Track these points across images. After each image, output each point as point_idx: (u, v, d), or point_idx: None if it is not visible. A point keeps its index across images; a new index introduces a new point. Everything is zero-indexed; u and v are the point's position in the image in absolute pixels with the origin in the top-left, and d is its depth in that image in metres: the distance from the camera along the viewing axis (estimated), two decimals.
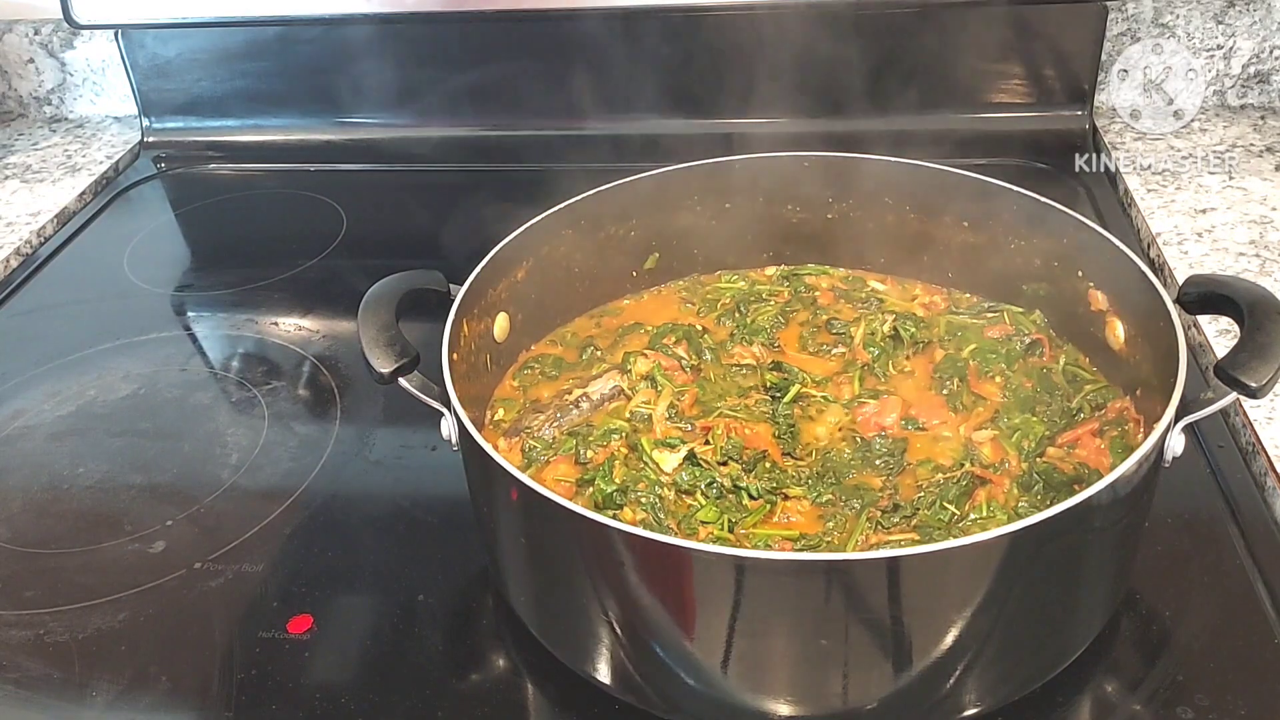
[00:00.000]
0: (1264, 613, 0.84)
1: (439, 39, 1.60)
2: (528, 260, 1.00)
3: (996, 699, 0.77)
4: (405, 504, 1.01)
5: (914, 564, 0.67)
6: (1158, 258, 1.27)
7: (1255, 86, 1.55)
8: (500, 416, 0.97)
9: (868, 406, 0.94)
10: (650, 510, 0.83)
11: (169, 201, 1.61)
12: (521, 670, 0.85)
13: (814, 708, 0.74)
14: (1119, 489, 0.71)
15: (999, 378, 0.96)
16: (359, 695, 0.83)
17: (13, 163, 1.68)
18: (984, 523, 0.82)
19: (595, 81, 1.55)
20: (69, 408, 1.17)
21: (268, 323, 1.28)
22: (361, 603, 0.92)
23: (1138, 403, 0.90)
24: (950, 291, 1.09)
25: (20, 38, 1.74)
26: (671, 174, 1.07)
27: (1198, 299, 0.83)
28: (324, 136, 1.68)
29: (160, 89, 1.69)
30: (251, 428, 1.11)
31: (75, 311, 1.36)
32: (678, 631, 0.73)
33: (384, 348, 0.80)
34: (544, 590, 0.81)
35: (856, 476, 0.88)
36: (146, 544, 0.98)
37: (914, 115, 1.50)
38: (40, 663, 0.88)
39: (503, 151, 1.61)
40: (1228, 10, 1.51)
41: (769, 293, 1.10)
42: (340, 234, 1.45)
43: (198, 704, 0.84)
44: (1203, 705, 0.78)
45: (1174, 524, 0.92)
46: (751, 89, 1.49)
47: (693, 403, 0.95)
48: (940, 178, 1.04)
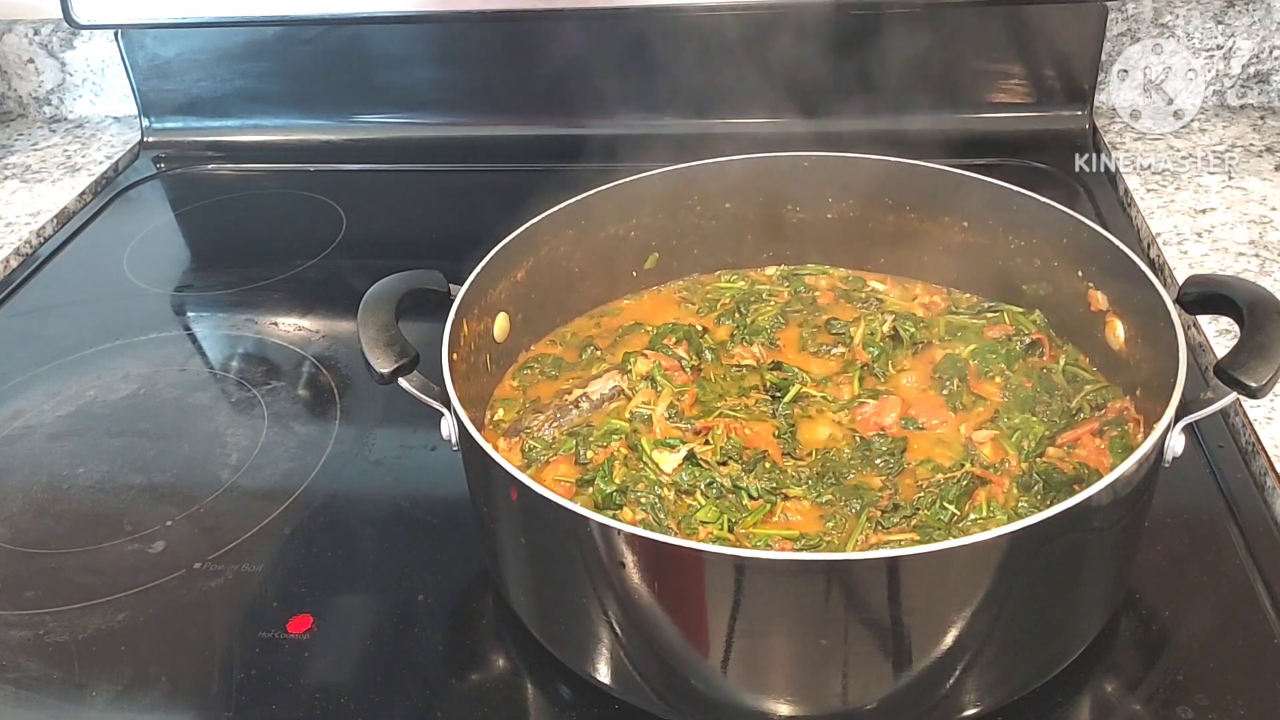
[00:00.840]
0: (1264, 613, 0.84)
1: (439, 39, 1.60)
2: (528, 260, 1.00)
3: (996, 699, 0.77)
4: (405, 504, 1.01)
5: (914, 564, 0.67)
6: (1158, 258, 1.27)
7: (1255, 86, 1.55)
8: (500, 416, 0.97)
9: (867, 406, 0.94)
10: (650, 510, 0.83)
11: (169, 201, 1.61)
12: (521, 670, 0.85)
13: (814, 708, 0.74)
14: (1119, 489, 0.71)
15: (999, 378, 0.96)
16: (359, 695, 0.83)
17: (13, 163, 1.68)
18: (984, 523, 0.82)
19: (596, 81, 1.55)
20: (69, 408, 1.17)
21: (267, 323, 1.28)
22: (361, 603, 0.92)
23: (1138, 403, 0.90)
24: (950, 291, 1.09)
25: (20, 38, 1.74)
26: (671, 174, 1.07)
27: (1198, 299, 0.83)
28: (324, 136, 1.68)
29: (160, 89, 1.69)
30: (251, 428, 1.11)
31: (75, 311, 1.36)
32: (678, 631, 0.73)
33: (384, 348, 0.80)
34: (544, 590, 0.81)
35: (856, 476, 0.88)
36: (146, 544, 0.98)
37: (914, 115, 1.50)
38: (40, 663, 0.88)
39: (503, 151, 1.61)
40: (1227, 10, 1.51)
41: (769, 293, 1.10)
42: (340, 234, 1.45)
43: (197, 704, 0.84)
44: (1203, 705, 0.78)
45: (1174, 524, 0.92)
46: (751, 89, 1.49)
47: (693, 403, 0.95)
48: (940, 178, 1.04)
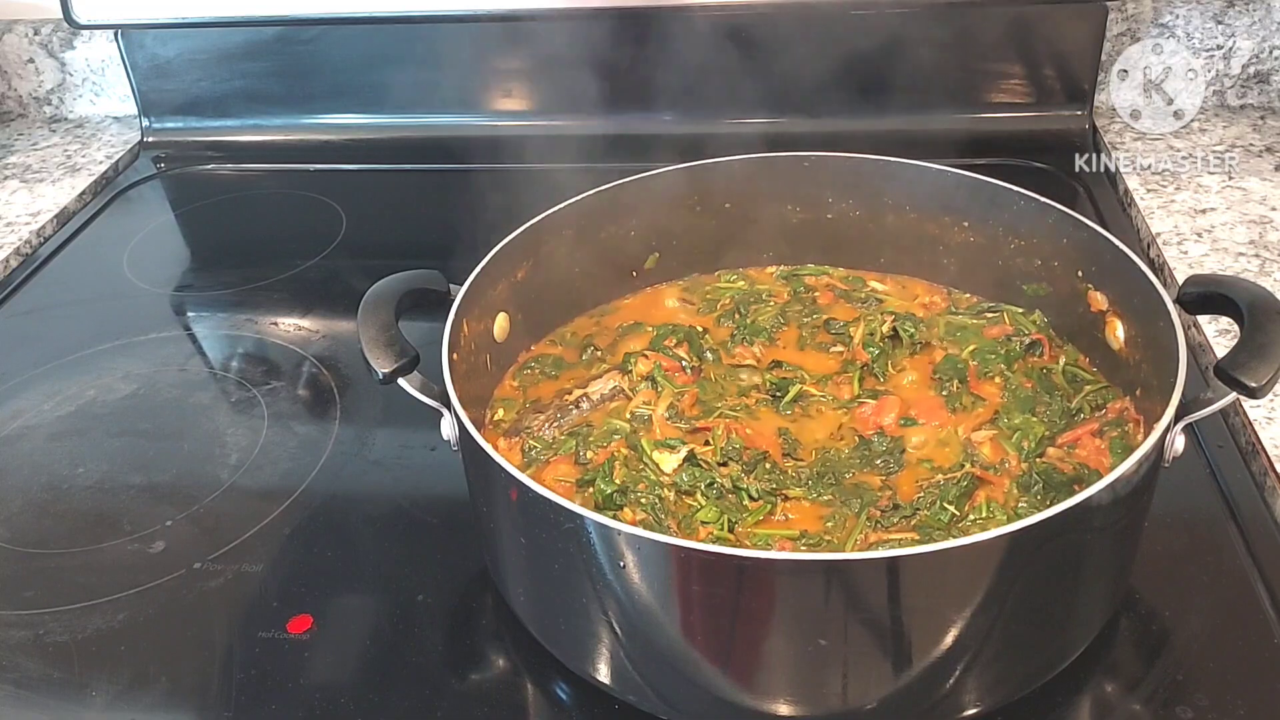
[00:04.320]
0: (1264, 613, 0.84)
1: (439, 39, 1.60)
2: (528, 260, 1.00)
3: (996, 699, 0.77)
4: (405, 504, 1.01)
5: (914, 564, 0.67)
6: (1158, 258, 1.27)
7: (1255, 86, 1.55)
8: (500, 416, 0.97)
9: (866, 406, 0.94)
10: (650, 510, 0.83)
11: (169, 201, 1.61)
12: (521, 670, 0.84)
13: (814, 708, 0.74)
14: (1119, 489, 0.71)
15: (999, 378, 0.96)
16: (359, 695, 0.83)
17: (13, 163, 1.68)
18: (984, 523, 0.82)
19: (596, 81, 1.55)
20: (69, 408, 1.17)
21: (267, 323, 1.28)
22: (361, 602, 0.92)
23: (1138, 403, 0.90)
24: (950, 291, 1.09)
25: (20, 38, 1.74)
26: (671, 174, 1.07)
27: (1198, 299, 0.83)
28: (324, 136, 1.68)
29: (160, 89, 1.68)
30: (251, 428, 1.11)
31: (75, 311, 1.36)
32: (677, 631, 0.73)
33: (384, 348, 0.80)
34: (544, 590, 0.81)
35: (856, 476, 0.88)
36: (146, 544, 0.98)
37: (914, 115, 1.50)
38: (40, 663, 0.88)
39: (503, 151, 1.61)
40: (1228, 10, 1.50)
41: (769, 293, 1.10)
42: (340, 234, 1.45)
43: (197, 704, 0.84)
44: (1202, 705, 0.78)
45: (1174, 524, 0.92)
46: (750, 89, 1.49)
47: (693, 403, 0.95)
48: (940, 178, 1.04)
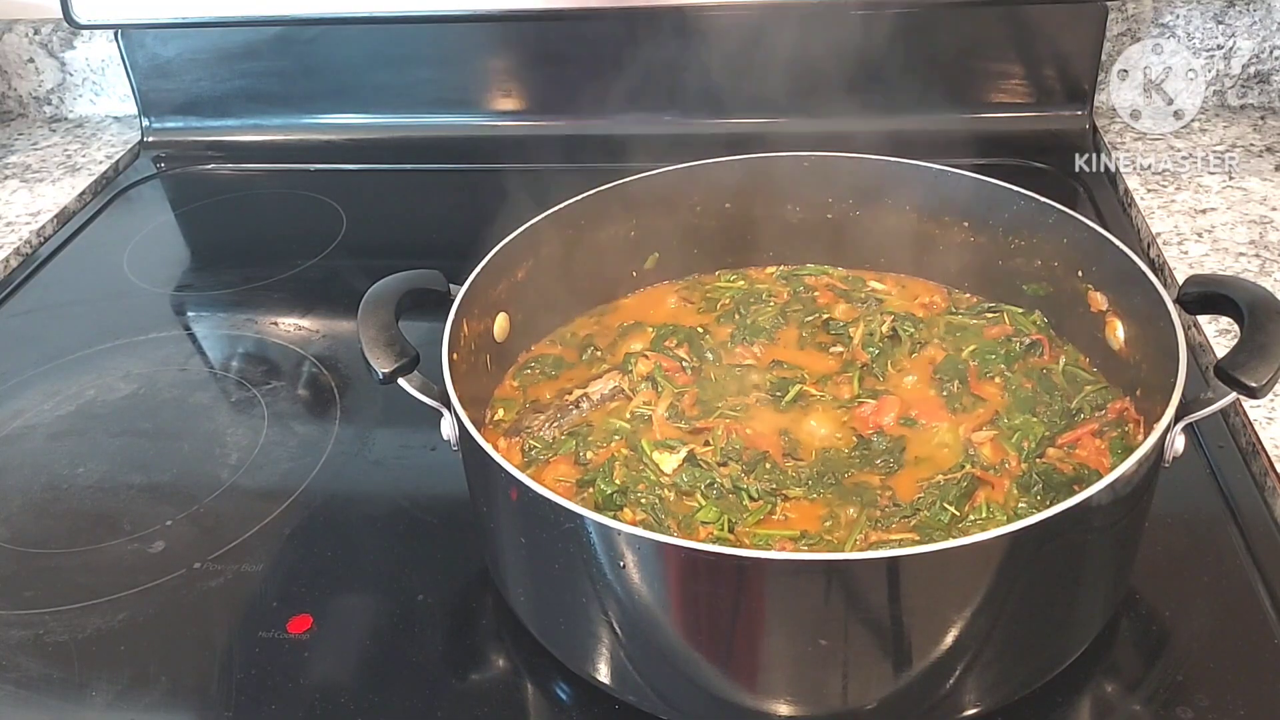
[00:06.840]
0: (1264, 613, 0.84)
1: (439, 39, 1.60)
2: (528, 260, 1.00)
3: (996, 699, 0.77)
4: (405, 504, 1.01)
5: (914, 564, 0.67)
6: (1158, 258, 1.27)
7: (1255, 86, 1.55)
8: (500, 416, 0.97)
9: (865, 406, 0.94)
10: (650, 511, 0.83)
11: (169, 201, 1.61)
12: (521, 670, 0.84)
13: (814, 708, 0.74)
14: (1119, 489, 0.71)
15: (999, 378, 0.96)
16: (359, 695, 0.83)
17: (13, 163, 1.68)
18: (984, 523, 0.82)
19: (596, 81, 1.55)
20: (69, 408, 1.17)
21: (267, 323, 1.28)
22: (361, 603, 0.92)
23: (1138, 403, 0.90)
24: (950, 291, 1.08)
25: (20, 38, 1.74)
26: (671, 174, 1.07)
27: (1198, 299, 0.83)
28: (324, 136, 1.68)
29: (160, 89, 1.68)
30: (251, 428, 1.11)
31: (75, 311, 1.36)
32: (678, 631, 0.73)
33: (384, 348, 0.80)
34: (544, 590, 0.81)
35: (856, 475, 0.88)
36: (146, 544, 0.98)
37: (914, 115, 1.50)
38: (40, 663, 0.88)
39: (503, 151, 1.61)
40: (1228, 10, 1.50)
41: (769, 293, 1.10)
42: (340, 234, 1.45)
43: (197, 704, 0.84)
44: (1202, 705, 0.78)
45: (1174, 524, 0.92)
46: (750, 89, 1.49)
47: (693, 403, 0.95)
48: (940, 178, 1.04)
